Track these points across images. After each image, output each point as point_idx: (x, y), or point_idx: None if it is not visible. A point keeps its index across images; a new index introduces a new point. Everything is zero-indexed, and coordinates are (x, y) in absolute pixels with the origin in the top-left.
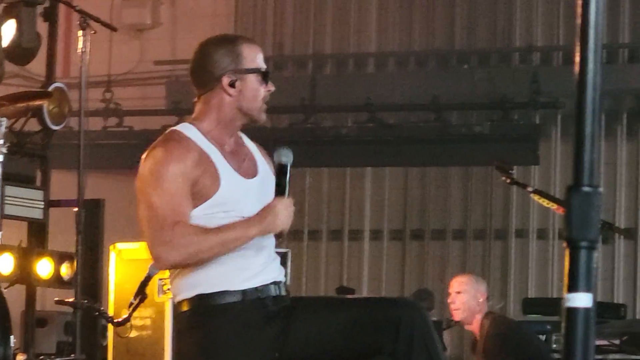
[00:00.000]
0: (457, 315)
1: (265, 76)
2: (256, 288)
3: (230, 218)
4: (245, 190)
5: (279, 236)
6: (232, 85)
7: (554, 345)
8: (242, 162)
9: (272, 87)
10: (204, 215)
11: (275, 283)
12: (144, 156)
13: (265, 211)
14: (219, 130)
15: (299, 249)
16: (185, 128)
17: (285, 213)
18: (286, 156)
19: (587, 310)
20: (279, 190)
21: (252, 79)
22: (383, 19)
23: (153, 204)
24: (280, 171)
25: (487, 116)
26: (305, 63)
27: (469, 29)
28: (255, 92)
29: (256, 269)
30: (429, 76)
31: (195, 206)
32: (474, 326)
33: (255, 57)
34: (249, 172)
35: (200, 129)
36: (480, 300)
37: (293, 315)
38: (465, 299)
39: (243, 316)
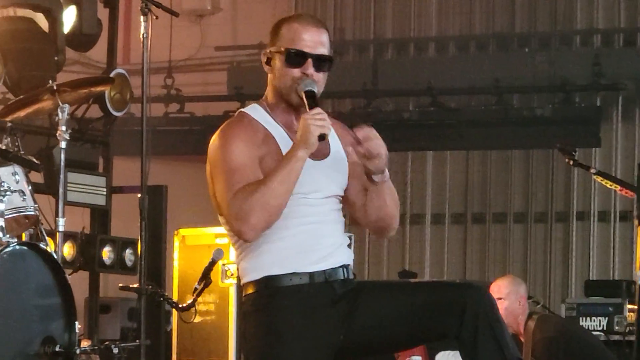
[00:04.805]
0: None
1: (289, 57)
2: (324, 271)
3: (295, 199)
4: (311, 172)
5: (321, 138)
6: (268, 63)
7: (616, 327)
8: None
9: (308, 70)
10: None
11: (343, 266)
12: (211, 140)
13: (298, 129)
14: (281, 109)
15: (361, 233)
16: (253, 109)
17: (312, 121)
18: (310, 85)
19: None
20: (309, 105)
21: (279, 59)
22: (443, 3)
23: (221, 183)
24: (307, 95)
25: (549, 99)
26: (366, 48)
27: (529, 12)
28: (281, 72)
29: (324, 251)
30: (490, 60)
31: None
32: (517, 329)
33: (291, 37)
34: (318, 152)
35: (267, 108)
36: (522, 303)
37: (359, 299)
38: (507, 304)
39: (310, 298)
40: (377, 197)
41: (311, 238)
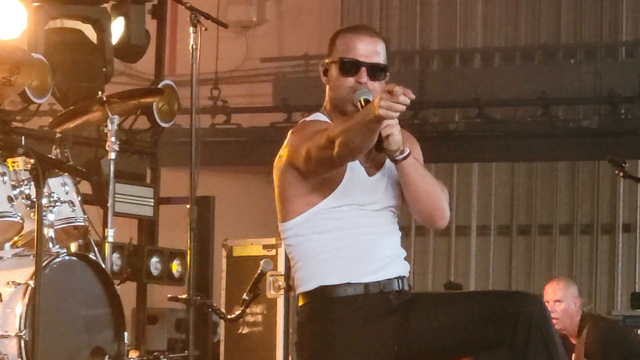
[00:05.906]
0: (558, 324)
1: (344, 66)
2: (379, 282)
3: (351, 211)
4: (368, 184)
5: (379, 149)
6: (324, 74)
7: None
8: (370, 153)
9: (362, 78)
10: (330, 208)
11: (399, 278)
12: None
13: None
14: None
15: (406, 245)
16: (316, 117)
17: (381, 101)
18: (365, 94)
19: None
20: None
21: (334, 68)
22: (489, 14)
23: (306, 142)
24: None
25: (595, 110)
26: (412, 59)
27: (575, 23)
28: (336, 82)
29: (380, 262)
30: (536, 71)
31: (323, 197)
32: (572, 330)
33: (345, 47)
34: (376, 163)
35: (328, 117)
36: (577, 303)
37: (413, 310)
38: (565, 306)
39: (364, 309)
40: (404, 179)
41: (367, 249)
